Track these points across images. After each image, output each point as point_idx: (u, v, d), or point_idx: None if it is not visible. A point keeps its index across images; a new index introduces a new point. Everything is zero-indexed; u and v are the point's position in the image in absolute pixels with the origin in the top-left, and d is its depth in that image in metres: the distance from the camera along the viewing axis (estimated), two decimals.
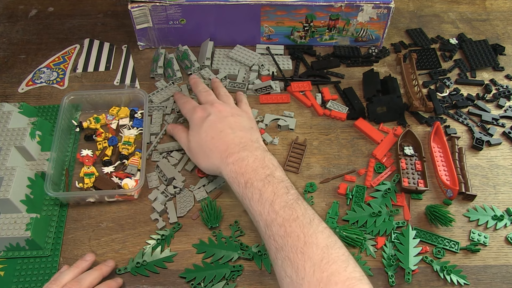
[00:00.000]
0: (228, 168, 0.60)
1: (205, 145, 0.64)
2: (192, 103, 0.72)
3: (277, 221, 0.53)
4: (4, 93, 0.84)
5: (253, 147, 0.62)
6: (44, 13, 0.99)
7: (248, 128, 0.66)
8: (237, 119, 0.67)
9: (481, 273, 0.64)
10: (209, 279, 0.62)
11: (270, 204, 0.55)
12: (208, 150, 0.64)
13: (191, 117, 0.69)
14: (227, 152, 0.61)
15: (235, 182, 0.59)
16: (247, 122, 0.68)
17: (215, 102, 0.70)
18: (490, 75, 0.88)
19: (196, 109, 0.69)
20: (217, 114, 0.67)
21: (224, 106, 0.69)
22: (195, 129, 0.67)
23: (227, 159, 0.61)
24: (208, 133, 0.65)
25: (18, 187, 0.65)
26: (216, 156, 0.62)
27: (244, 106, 0.74)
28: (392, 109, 0.79)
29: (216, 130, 0.65)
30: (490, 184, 0.73)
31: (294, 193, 0.56)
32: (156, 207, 0.68)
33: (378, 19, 0.85)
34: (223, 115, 0.67)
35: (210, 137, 0.64)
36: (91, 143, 0.76)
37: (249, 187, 0.57)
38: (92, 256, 0.63)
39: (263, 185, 0.56)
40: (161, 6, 0.81)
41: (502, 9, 1.00)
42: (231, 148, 0.62)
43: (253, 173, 0.58)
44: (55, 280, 0.58)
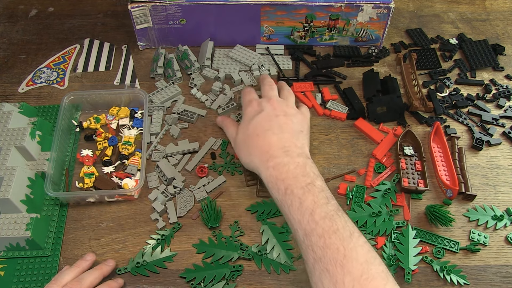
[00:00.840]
0: (268, 172, 0.59)
1: (249, 140, 0.64)
2: (252, 94, 0.71)
3: (317, 232, 0.53)
4: (4, 93, 0.84)
5: (295, 153, 0.60)
6: (44, 13, 0.99)
7: (296, 131, 0.65)
8: (288, 119, 0.65)
9: (481, 273, 0.64)
10: (209, 279, 0.62)
11: (310, 213, 0.54)
12: (252, 147, 0.63)
13: (246, 109, 0.68)
14: (268, 154, 0.60)
15: (274, 188, 0.58)
16: (298, 124, 0.66)
17: (273, 98, 0.69)
18: (490, 75, 0.88)
19: (252, 102, 0.68)
20: (270, 110, 0.66)
21: (280, 103, 0.68)
22: (245, 122, 0.66)
23: (268, 162, 0.60)
24: (256, 129, 0.64)
25: (18, 187, 0.65)
26: (257, 155, 0.62)
27: (303, 107, 0.72)
28: (392, 109, 0.79)
29: (263, 128, 0.64)
30: (490, 184, 0.73)
31: (335, 204, 0.55)
32: (156, 207, 0.68)
33: (378, 19, 0.85)
34: (275, 113, 0.66)
35: (256, 134, 0.63)
36: (91, 143, 0.76)
37: (289, 194, 0.56)
38: (93, 256, 0.63)
39: (303, 193, 0.55)
40: (161, 6, 0.81)
41: (502, 9, 1.00)
42: (273, 151, 0.61)
43: (293, 180, 0.57)
44: (56, 280, 0.58)
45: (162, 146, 0.76)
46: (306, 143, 0.65)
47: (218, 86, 0.83)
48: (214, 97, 0.82)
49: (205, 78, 0.85)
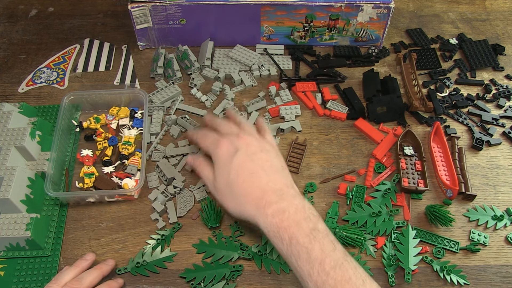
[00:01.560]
0: (267, 220, 0.56)
1: (236, 188, 0.59)
2: (212, 135, 0.65)
3: (329, 283, 0.51)
4: (4, 93, 0.84)
5: (290, 195, 0.57)
6: (44, 13, 0.99)
7: (280, 168, 0.62)
8: (267, 156, 0.62)
9: (481, 273, 0.64)
10: (209, 279, 0.62)
11: (320, 263, 0.52)
12: (241, 196, 0.59)
13: (216, 151, 0.62)
14: (263, 201, 0.57)
15: (277, 237, 0.55)
16: (277, 159, 0.63)
17: (240, 133, 0.64)
18: (490, 75, 0.88)
19: (220, 141, 0.63)
20: (245, 149, 0.61)
21: (251, 138, 0.63)
22: (222, 167, 0.61)
23: (265, 209, 0.56)
24: (239, 175, 0.59)
25: (18, 187, 0.65)
26: (251, 203, 0.58)
27: (268, 136, 0.68)
28: (392, 109, 0.79)
29: (247, 171, 0.59)
30: (490, 184, 0.73)
31: (340, 248, 0.54)
32: (156, 207, 0.68)
33: (378, 19, 0.85)
34: (252, 150, 0.61)
35: (241, 180, 0.59)
36: (91, 143, 0.76)
37: (294, 244, 0.53)
38: (92, 256, 0.63)
39: (309, 241, 0.53)
40: (161, 6, 0.81)
41: (502, 9, 1.00)
42: (267, 196, 0.57)
43: (296, 227, 0.54)
44: (56, 280, 0.58)
45: (162, 146, 0.76)
46: (291, 179, 0.61)
47: (218, 86, 0.83)
48: (214, 97, 0.82)
49: (205, 78, 0.85)
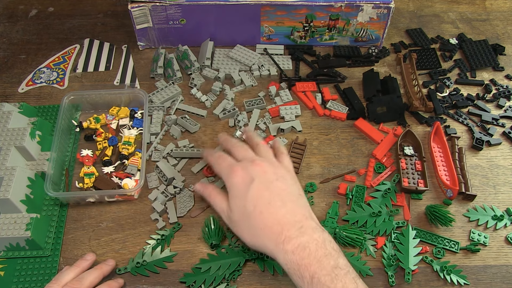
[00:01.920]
0: (287, 257, 0.53)
1: (253, 220, 0.57)
2: (227, 160, 0.63)
3: None
4: (4, 93, 0.84)
5: (310, 228, 0.55)
6: (44, 13, 0.99)
7: (298, 196, 0.59)
8: (284, 184, 0.59)
9: (481, 273, 0.64)
10: (209, 282, 0.62)
11: None
12: (258, 229, 0.56)
13: (230, 179, 0.60)
14: (283, 235, 0.54)
15: (297, 275, 0.53)
16: (294, 186, 0.60)
17: (256, 159, 0.61)
18: (490, 75, 0.88)
19: (234, 168, 0.60)
20: (261, 177, 0.58)
21: (267, 164, 0.60)
22: (237, 198, 0.59)
23: (284, 245, 0.54)
24: (256, 206, 0.57)
25: (18, 187, 0.65)
26: (269, 237, 0.55)
27: (285, 159, 0.65)
28: (392, 109, 0.79)
29: (264, 202, 0.57)
30: (490, 184, 0.73)
31: (361, 284, 0.53)
32: (156, 207, 0.68)
33: (378, 19, 0.85)
34: (268, 178, 0.59)
35: (259, 211, 0.56)
36: (91, 143, 0.76)
37: (315, 284, 0.51)
38: (93, 256, 0.63)
39: (331, 280, 0.51)
40: (161, 6, 0.81)
41: (502, 9, 1.00)
42: (287, 230, 0.55)
43: (317, 265, 0.52)
44: (56, 280, 0.58)
45: (162, 146, 0.76)
46: (309, 208, 0.59)
47: (218, 86, 0.83)
48: (214, 97, 0.82)
49: (205, 78, 0.85)
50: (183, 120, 0.77)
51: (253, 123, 0.78)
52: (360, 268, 0.63)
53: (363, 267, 0.64)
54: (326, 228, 0.66)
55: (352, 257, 0.64)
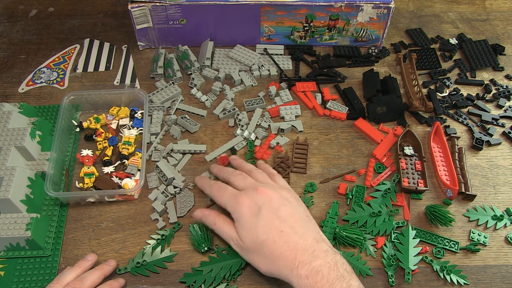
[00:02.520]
0: (301, 282, 0.54)
1: (266, 249, 0.57)
2: (228, 190, 0.63)
3: None
4: (4, 93, 0.84)
5: (322, 251, 0.56)
6: (44, 13, 0.99)
7: (306, 219, 0.60)
8: (290, 208, 0.60)
9: (481, 273, 0.64)
10: (209, 282, 0.62)
11: None
12: (273, 257, 0.57)
13: (237, 210, 0.60)
14: (296, 261, 0.55)
15: None
16: (300, 208, 0.62)
17: (258, 186, 0.61)
18: (490, 75, 0.88)
19: (240, 198, 0.60)
20: (268, 205, 0.59)
21: (270, 190, 0.61)
22: (247, 228, 0.59)
23: (299, 270, 0.55)
24: (269, 236, 0.57)
25: (18, 187, 0.65)
26: (284, 264, 0.56)
27: (280, 180, 0.67)
28: (392, 109, 0.79)
29: (276, 231, 0.57)
30: (490, 184, 0.73)
31: None
32: (156, 207, 0.68)
33: (378, 19, 0.85)
34: (275, 205, 0.59)
35: (272, 241, 0.57)
36: (91, 143, 0.76)
37: None
38: (94, 256, 0.63)
39: None
40: (161, 6, 0.81)
41: (502, 9, 1.00)
42: (300, 256, 0.55)
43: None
44: (58, 280, 0.58)
45: (162, 146, 0.76)
46: (317, 228, 0.60)
47: (218, 86, 0.83)
48: (214, 97, 0.82)
49: (205, 78, 0.85)
50: (183, 120, 0.77)
51: (254, 122, 0.78)
52: (360, 268, 0.63)
53: (363, 267, 0.64)
54: (326, 228, 0.66)
55: (352, 257, 0.64)
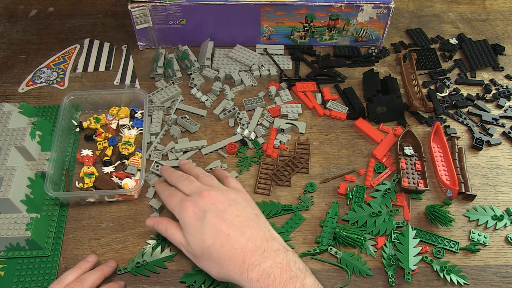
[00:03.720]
0: (253, 286, 0.53)
1: (214, 254, 0.55)
2: (177, 196, 0.62)
3: None
4: (4, 93, 0.84)
5: (272, 251, 0.54)
6: (44, 13, 0.99)
7: (254, 218, 0.58)
8: (237, 209, 0.58)
9: (481, 273, 0.64)
10: (209, 282, 0.62)
11: None
12: (221, 260, 0.55)
13: (182, 215, 0.59)
14: (246, 264, 0.53)
15: None
16: (248, 208, 0.60)
17: (203, 190, 0.60)
18: (490, 75, 0.88)
19: (184, 204, 0.59)
20: (213, 209, 0.58)
21: (215, 193, 0.60)
22: (193, 233, 0.57)
23: (249, 273, 0.53)
24: (215, 240, 0.55)
25: (18, 187, 0.65)
26: (234, 268, 0.54)
27: (232, 182, 0.65)
28: (392, 109, 0.79)
29: (223, 234, 0.55)
30: (490, 184, 0.73)
31: None
32: (153, 205, 0.68)
33: (378, 19, 0.85)
34: (220, 208, 0.58)
35: (219, 244, 0.55)
36: (91, 143, 0.76)
37: None
38: (94, 257, 0.63)
39: None
40: (161, 6, 0.81)
41: (502, 9, 1.00)
42: (249, 258, 0.54)
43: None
44: (58, 281, 0.58)
45: (162, 146, 0.76)
46: (269, 227, 0.58)
47: (218, 86, 0.83)
48: (214, 97, 0.82)
49: (205, 78, 0.85)
50: (183, 120, 0.77)
51: (255, 121, 0.78)
52: (360, 268, 0.63)
53: (363, 267, 0.64)
54: (326, 228, 0.66)
55: (352, 257, 0.64)
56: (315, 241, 0.66)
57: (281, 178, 0.72)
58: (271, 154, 0.75)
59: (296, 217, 0.68)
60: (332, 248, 0.65)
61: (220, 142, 0.75)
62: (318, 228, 0.68)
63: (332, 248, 0.65)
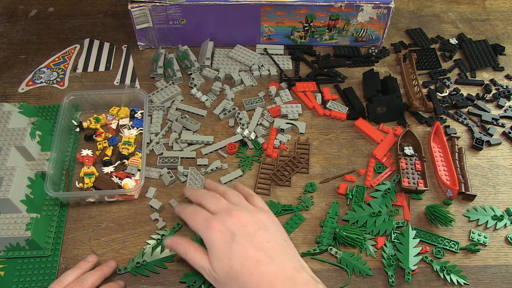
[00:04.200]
0: None
1: (242, 282, 0.52)
2: (202, 214, 0.58)
3: None
4: (4, 93, 0.84)
5: (302, 283, 0.52)
6: (44, 13, 0.99)
7: (284, 245, 0.56)
8: (267, 234, 0.55)
9: (481, 273, 0.64)
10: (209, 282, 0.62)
11: None
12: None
13: (209, 236, 0.55)
14: None
15: None
16: (278, 233, 0.57)
17: (231, 209, 0.57)
18: (490, 75, 0.88)
19: (211, 223, 0.56)
20: (242, 231, 0.54)
21: (244, 213, 0.57)
22: (220, 257, 0.54)
23: None
24: (244, 266, 0.52)
25: (18, 187, 0.65)
26: None
27: (257, 201, 0.62)
28: (392, 109, 0.79)
29: (252, 261, 0.52)
30: (490, 184, 0.73)
31: None
32: (153, 205, 0.68)
33: (378, 19, 0.85)
34: (250, 232, 0.55)
35: (248, 272, 0.52)
36: (91, 143, 0.76)
37: None
38: (94, 258, 0.63)
39: None
40: (161, 6, 0.81)
41: (502, 9, 1.00)
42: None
43: None
44: (58, 281, 0.58)
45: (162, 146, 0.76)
46: (297, 254, 0.56)
47: (218, 86, 0.83)
48: (214, 97, 0.82)
49: (205, 78, 0.85)
50: (183, 120, 0.77)
51: (255, 121, 0.78)
52: (360, 268, 0.63)
53: (363, 267, 0.64)
54: (326, 228, 0.66)
55: (352, 257, 0.64)
56: (315, 241, 0.66)
57: (281, 178, 0.72)
58: (271, 154, 0.75)
59: (296, 217, 0.68)
60: (332, 248, 0.65)
61: (220, 142, 0.76)
62: (318, 228, 0.68)
63: (332, 248, 0.65)
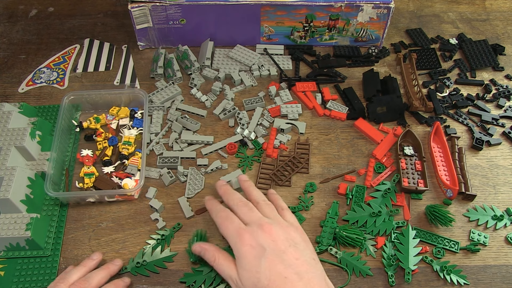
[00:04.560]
0: None
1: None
2: (234, 222, 0.59)
3: None
4: (4, 93, 0.84)
5: None
6: (44, 13, 0.99)
7: (312, 263, 0.56)
8: (297, 252, 0.56)
9: (481, 273, 0.64)
10: (209, 282, 0.62)
11: None
12: None
13: (239, 247, 0.56)
14: None
15: None
16: (307, 251, 0.57)
17: (264, 223, 0.57)
18: (490, 75, 0.88)
19: (242, 234, 0.57)
20: (272, 247, 0.55)
21: (276, 229, 0.57)
22: (248, 269, 0.55)
23: None
24: (271, 281, 0.53)
25: (18, 187, 0.65)
26: None
27: (288, 215, 0.63)
28: (392, 109, 0.79)
29: (280, 277, 0.53)
30: (490, 184, 0.73)
31: None
32: (153, 205, 0.68)
33: (378, 19, 0.85)
34: (280, 248, 0.55)
35: (275, 286, 0.53)
36: (91, 143, 0.76)
37: None
38: (99, 255, 0.63)
39: None
40: (161, 6, 0.81)
41: (502, 9, 1.00)
42: None
43: None
44: (63, 279, 0.58)
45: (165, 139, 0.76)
46: (324, 273, 0.57)
47: (218, 86, 0.83)
48: (214, 97, 0.82)
49: (205, 78, 0.85)
50: (183, 120, 0.77)
51: (255, 121, 0.78)
52: (360, 268, 0.63)
53: (363, 267, 0.64)
54: (326, 228, 0.66)
55: (352, 257, 0.64)
56: (315, 241, 0.66)
57: (281, 178, 0.72)
58: (271, 154, 0.75)
59: (296, 217, 0.68)
60: (332, 248, 0.65)
61: (220, 142, 0.76)
62: (318, 228, 0.68)
63: (332, 248, 0.65)
